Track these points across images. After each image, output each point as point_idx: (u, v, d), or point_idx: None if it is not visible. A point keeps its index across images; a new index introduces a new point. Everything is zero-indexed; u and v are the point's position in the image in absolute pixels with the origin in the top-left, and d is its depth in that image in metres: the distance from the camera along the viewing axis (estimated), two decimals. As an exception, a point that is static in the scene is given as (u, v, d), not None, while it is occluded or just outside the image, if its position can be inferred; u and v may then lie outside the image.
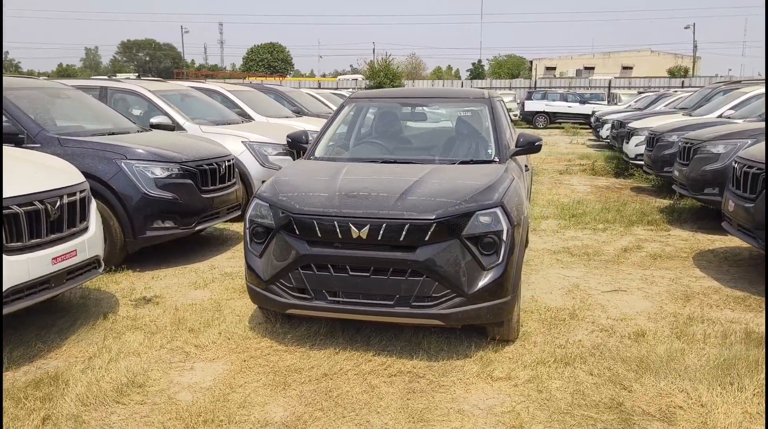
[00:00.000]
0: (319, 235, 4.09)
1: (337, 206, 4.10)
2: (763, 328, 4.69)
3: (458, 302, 4.03)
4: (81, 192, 4.64)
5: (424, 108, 5.78)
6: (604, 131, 19.34)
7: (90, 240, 4.67)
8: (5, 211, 3.94)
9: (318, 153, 5.33)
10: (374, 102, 5.95)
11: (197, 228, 6.59)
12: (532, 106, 31.65)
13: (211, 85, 11.97)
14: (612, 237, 7.67)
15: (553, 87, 37.05)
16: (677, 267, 6.38)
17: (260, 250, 4.36)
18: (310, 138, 5.57)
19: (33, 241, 4.13)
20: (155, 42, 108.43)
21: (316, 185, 4.42)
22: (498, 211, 4.12)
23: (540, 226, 8.34)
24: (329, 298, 4.15)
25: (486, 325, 4.35)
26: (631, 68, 66.62)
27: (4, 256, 3.91)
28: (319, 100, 15.86)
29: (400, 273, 4.02)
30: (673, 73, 49.93)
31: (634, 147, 12.43)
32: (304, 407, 3.58)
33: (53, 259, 4.26)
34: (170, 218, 6.35)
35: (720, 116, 10.82)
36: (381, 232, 3.99)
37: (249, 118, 11.01)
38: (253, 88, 13.46)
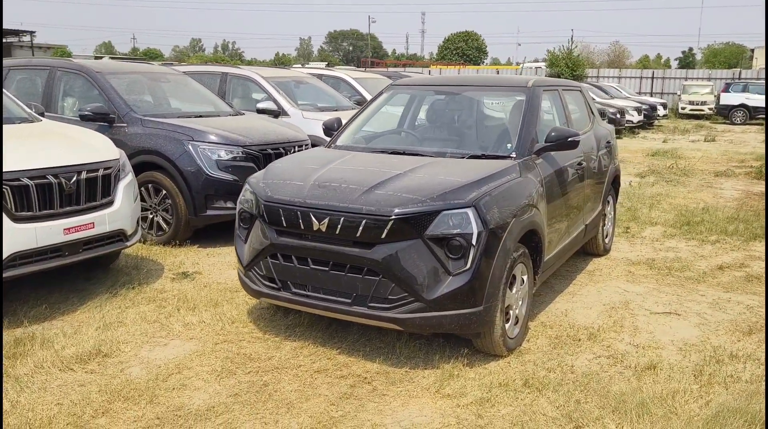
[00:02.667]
0: (284, 224, 3.99)
1: (304, 196, 3.96)
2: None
3: (416, 307, 3.71)
4: (105, 169, 4.96)
5: (467, 97, 5.34)
6: (798, 130, 16.68)
7: (112, 214, 4.97)
8: (15, 183, 4.33)
9: (341, 141, 5.18)
10: (412, 89, 5.64)
11: (258, 210, 6.75)
12: (729, 99, 28.17)
13: (338, 72, 12.24)
14: (717, 251, 6.61)
15: (760, 78, 32.65)
16: (770, 293, 5.33)
17: (245, 236, 4.35)
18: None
19: (44, 211, 4.50)
20: (358, 32, 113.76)
21: (299, 174, 4.29)
22: (469, 211, 3.71)
23: (642, 232, 7.43)
24: (293, 290, 4.05)
25: (462, 335, 3.98)
26: None
27: (12, 224, 4.30)
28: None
29: (357, 270, 3.80)
30: None
31: (808, 149, 10.59)
32: (227, 398, 3.52)
33: (65, 229, 4.61)
34: (231, 199, 6.57)
35: None
36: (339, 225, 3.79)
37: (369, 104, 11.13)
38: (386, 75, 13.55)
